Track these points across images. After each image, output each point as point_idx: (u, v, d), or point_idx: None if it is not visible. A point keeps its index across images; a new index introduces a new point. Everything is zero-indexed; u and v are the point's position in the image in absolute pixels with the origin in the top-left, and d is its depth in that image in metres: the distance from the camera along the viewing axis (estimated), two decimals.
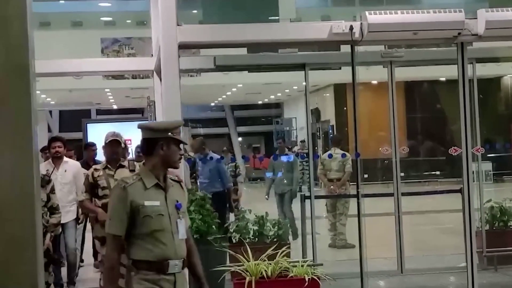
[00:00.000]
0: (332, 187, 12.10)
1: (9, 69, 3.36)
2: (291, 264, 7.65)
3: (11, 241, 3.34)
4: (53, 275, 7.97)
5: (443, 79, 21.54)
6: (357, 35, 7.46)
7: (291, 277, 7.51)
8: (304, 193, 10.03)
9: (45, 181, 6.92)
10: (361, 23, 7.46)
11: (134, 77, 19.45)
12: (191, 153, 12.46)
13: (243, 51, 10.27)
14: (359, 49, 8.03)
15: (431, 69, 13.84)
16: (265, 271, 7.45)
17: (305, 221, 9.34)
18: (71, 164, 9.16)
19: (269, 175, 13.50)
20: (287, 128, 32.49)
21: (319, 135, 27.72)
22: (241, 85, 24.29)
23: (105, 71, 13.38)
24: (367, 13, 7.37)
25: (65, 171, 8.93)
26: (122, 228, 4.10)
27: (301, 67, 9.51)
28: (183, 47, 7.43)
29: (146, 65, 10.51)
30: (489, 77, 21.55)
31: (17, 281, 3.34)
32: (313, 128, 25.74)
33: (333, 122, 27.06)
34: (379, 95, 16.63)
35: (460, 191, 8.18)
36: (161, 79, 7.58)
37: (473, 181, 8.12)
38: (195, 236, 7.71)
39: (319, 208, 11.36)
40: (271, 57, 9.91)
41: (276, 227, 9.01)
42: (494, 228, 9.82)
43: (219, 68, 10.10)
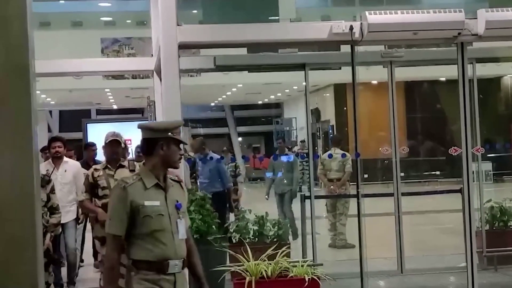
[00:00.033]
0: (332, 187, 12.10)
1: (9, 69, 3.36)
2: (291, 264, 7.65)
3: (11, 241, 3.34)
4: (53, 275, 7.96)
5: (443, 79, 21.54)
6: (357, 35, 7.46)
7: (291, 277, 7.50)
8: (304, 193, 10.03)
9: (45, 181, 6.91)
10: (361, 23, 7.46)
11: (134, 77, 19.44)
12: (191, 153, 12.46)
13: (243, 51, 10.26)
14: (359, 49, 8.03)
15: (431, 69, 13.83)
16: (265, 271, 7.44)
17: (305, 221, 9.33)
18: (71, 164, 9.16)
19: (269, 175, 13.49)
20: (287, 128, 32.48)
21: (319, 135, 27.71)
22: (241, 85, 24.28)
23: (105, 71, 13.38)
24: (367, 13, 7.37)
25: (65, 171, 8.92)
26: (122, 228, 4.10)
27: (301, 67, 9.50)
28: (183, 47, 7.43)
29: (146, 65, 10.51)
30: (489, 77, 21.54)
31: (17, 281, 3.34)
32: (313, 128, 25.73)
33: (333, 122, 27.05)
34: (379, 95, 16.63)
35: (460, 191, 8.18)
36: (161, 79, 7.58)
37: (473, 181, 8.12)
38: (195, 236, 7.71)
39: (319, 208, 11.35)
40: (271, 57, 9.91)
41: (276, 227, 9.01)
42: (494, 228, 9.81)
43: (219, 68, 10.09)
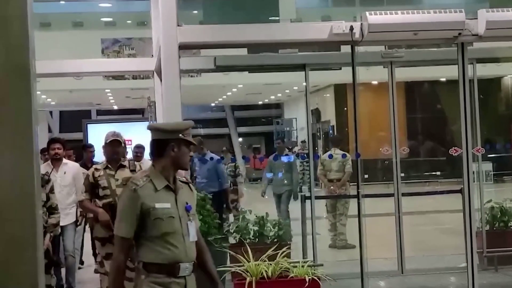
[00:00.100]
0: (332, 187, 12.10)
1: (10, 69, 3.36)
2: (292, 264, 7.65)
3: (11, 241, 3.34)
4: (55, 278, 7.95)
5: (443, 80, 21.53)
6: (357, 35, 7.46)
7: (292, 277, 7.50)
8: (304, 193, 10.02)
9: (45, 180, 6.91)
10: (362, 24, 7.46)
11: (134, 78, 19.45)
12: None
13: (244, 51, 10.27)
14: (360, 49, 8.04)
15: (431, 70, 13.83)
16: (266, 271, 7.44)
17: (306, 222, 9.33)
18: (70, 165, 9.07)
19: (269, 175, 13.48)
20: (288, 128, 32.48)
21: (320, 135, 27.71)
22: (242, 86, 24.29)
23: (105, 72, 13.40)
24: (367, 13, 7.37)
25: (64, 173, 8.85)
26: (131, 230, 4.05)
27: (302, 67, 9.50)
28: (184, 48, 7.43)
29: (146, 66, 10.52)
30: (489, 78, 21.54)
31: (17, 281, 3.34)
32: (313, 128, 25.74)
33: (333, 122, 27.04)
34: (380, 95, 16.64)
35: (460, 191, 8.18)
36: (161, 80, 7.58)
37: (474, 182, 8.12)
38: None
39: (319, 208, 11.35)
40: (271, 57, 9.91)
41: (276, 227, 9.00)
42: (494, 228, 9.80)
43: (219, 68, 10.09)
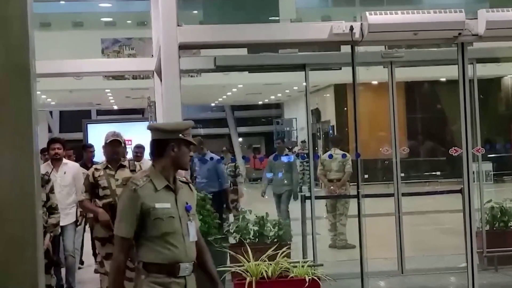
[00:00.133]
0: (332, 187, 12.11)
1: (10, 69, 3.36)
2: (292, 264, 7.65)
3: (11, 241, 3.34)
4: (55, 278, 7.93)
5: (443, 80, 21.54)
6: (357, 35, 7.46)
7: (292, 277, 7.50)
8: (304, 193, 10.02)
9: (45, 180, 6.91)
10: (362, 24, 7.46)
11: (134, 78, 19.45)
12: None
13: (244, 51, 10.27)
14: (360, 49, 8.03)
15: (431, 70, 13.83)
16: (266, 271, 7.44)
17: (305, 222, 9.33)
18: (70, 165, 9.05)
19: (269, 175, 13.48)
20: (288, 128, 32.48)
21: (320, 135, 27.71)
22: (242, 86, 24.29)
23: (105, 72, 13.40)
24: (367, 13, 7.37)
25: (64, 173, 8.83)
26: (131, 230, 4.05)
27: (302, 67, 9.49)
28: (184, 48, 7.43)
29: (146, 66, 10.52)
30: (489, 78, 21.54)
31: (18, 281, 3.34)
32: (314, 128, 25.73)
33: (333, 122, 27.04)
34: (380, 95, 16.64)
35: (460, 191, 8.18)
36: (161, 80, 7.58)
37: (474, 182, 8.12)
38: None
39: (319, 208, 11.35)
40: (271, 57, 9.91)
41: (276, 227, 9.00)
42: (494, 228, 9.80)
43: (219, 68, 10.09)
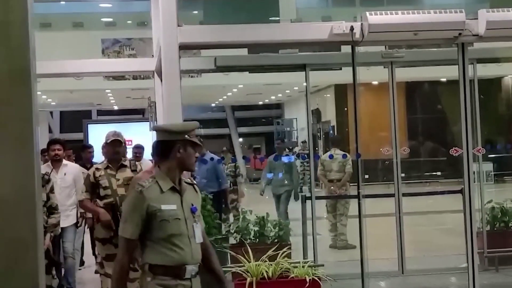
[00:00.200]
0: (332, 187, 12.10)
1: (11, 71, 3.37)
2: (292, 265, 7.64)
3: (13, 241, 3.34)
4: (57, 279, 7.93)
5: (443, 80, 21.54)
6: (357, 35, 7.45)
7: (292, 277, 7.50)
8: (305, 193, 10.02)
9: (45, 180, 6.91)
10: (362, 24, 7.45)
11: (134, 78, 19.42)
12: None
13: (244, 51, 10.27)
14: (360, 49, 8.03)
15: (431, 70, 13.82)
16: (266, 272, 7.44)
17: (306, 222, 9.33)
18: (70, 166, 9.00)
19: (270, 175, 13.47)
20: (288, 128, 32.46)
21: (320, 135, 27.70)
22: (242, 86, 24.27)
23: (105, 72, 13.38)
24: (367, 13, 7.36)
25: (65, 174, 8.77)
26: (136, 232, 4.03)
27: (302, 67, 9.50)
28: (184, 48, 7.42)
29: (146, 66, 10.51)
30: (490, 78, 21.53)
31: (18, 281, 3.34)
32: (314, 128, 25.71)
33: (333, 122, 27.03)
34: (380, 95, 16.63)
35: (461, 191, 8.18)
36: (162, 80, 7.57)
37: (474, 182, 8.12)
38: None
39: (320, 208, 11.35)
40: (271, 57, 9.91)
41: (277, 228, 9.00)
42: (495, 228, 9.81)
43: (219, 68, 10.09)
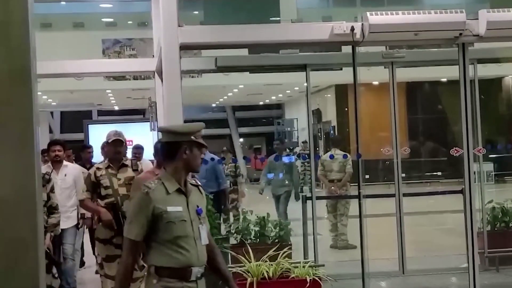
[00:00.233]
0: (333, 188, 12.10)
1: (11, 71, 3.37)
2: (293, 265, 7.65)
3: (13, 241, 3.34)
4: (58, 280, 7.91)
5: (444, 80, 21.53)
6: (358, 35, 7.45)
7: (293, 278, 7.51)
8: (305, 193, 10.01)
9: (46, 180, 6.90)
10: (362, 24, 7.45)
11: (135, 78, 19.42)
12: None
13: (244, 52, 10.27)
14: (360, 49, 8.03)
15: (432, 70, 13.83)
16: (267, 272, 7.45)
17: (307, 222, 9.33)
18: (70, 167, 8.96)
19: (270, 176, 13.47)
20: (289, 129, 32.45)
21: (321, 136, 27.70)
22: (242, 86, 24.26)
23: (106, 72, 13.39)
24: (368, 13, 7.36)
25: (65, 175, 8.74)
26: (141, 233, 4.01)
27: (302, 68, 9.50)
28: (185, 48, 7.42)
29: (147, 66, 10.52)
30: (490, 78, 21.53)
31: (19, 281, 3.34)
32: (315, 129, 25.71)
33: (334, 123, 27.03)
34: (380, 95, 16.64)
35: (461, 191, 8.18)
36: (162, 80, 7.57)
37: (475, 182, 8.12)
38: None
39: (320, 208, 11.34)
40: (272, 58, 9.91)
41: (277, 228, 9.00)
42: (495, 229, 9.80)
43: (220, 69, 10.09)
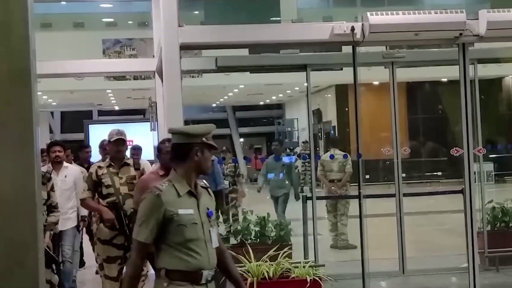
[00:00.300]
0: (333, 187, 12.11)
1: (11, 70, 3.37)
2: (293, 265, 7.65)
3: (13, 241, 3.34)
4: (57, 277, 7.88)
5: (444, 80, 21.54)
6: (358, 35, 7.45)
7: (293, 278, 7.50)
8: (305, 194, 10.01)
9: (46, 178, 6.89)
10: (363, 24, 7.46)
11: (135, 78, 19.44)
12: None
13: (245, 52, 10.27)
14: (361, 49, 8.03)
15: (432, 70, 13.84)
16: (267, 272, 7.45)
17: (307, 222, 9.33)
18: (70, 168, 8.92)
19: (270, 176, 13.46)
20: (289, 129, 32.45)
21: (321, 136, 27.70)
22: (243, 86, 24.27)
23: (106, 72, 13.40)
24: (368, 13, 7.37)
25: (65, 176, 8.70)
26: (151, 236, 3.98)
27: (303, 68, 9.49)
28: (185, 48, 7.42)
29: (147, 66, 10.52)
30: (490, 78, 21.53)
31: (19, 282, 3.35)
32: (315, 129, 25.72)
33: (334, 123, 27.03)
34: (381, 96, 16.64)
35: (461, 191, 8.18)
36: (162, 80, 7.57)
37: (475, 182, 8.12)
38: None
39: (321, 208, 11.34)
40: (272, 58, 9.91)
41: (277, 228, 9.00)
42: (495, 228, 9.80)
43: (220, 69, 10.09)
